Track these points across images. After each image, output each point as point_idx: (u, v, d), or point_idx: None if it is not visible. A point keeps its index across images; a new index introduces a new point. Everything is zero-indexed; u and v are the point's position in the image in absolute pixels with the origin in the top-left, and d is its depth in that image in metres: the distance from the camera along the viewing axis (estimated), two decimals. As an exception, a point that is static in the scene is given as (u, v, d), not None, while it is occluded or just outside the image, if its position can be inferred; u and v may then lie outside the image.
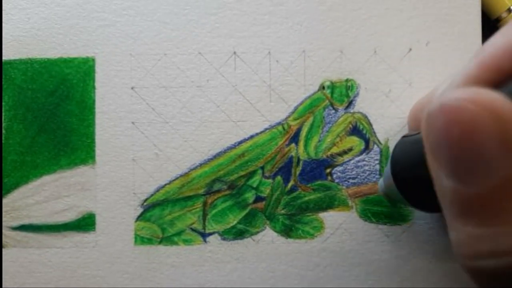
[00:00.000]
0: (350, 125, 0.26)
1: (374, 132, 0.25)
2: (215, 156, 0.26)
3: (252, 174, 0.26)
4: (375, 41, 0.25)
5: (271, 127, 0.26)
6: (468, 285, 0.25)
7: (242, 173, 0.26)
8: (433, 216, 0.25)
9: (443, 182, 0.14)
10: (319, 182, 0.26)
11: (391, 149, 0.25)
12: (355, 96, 0.25)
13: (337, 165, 0.25)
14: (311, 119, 0.26)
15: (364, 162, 0.25)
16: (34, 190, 0.26)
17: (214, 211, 0.26)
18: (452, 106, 0.13)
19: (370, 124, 0.25)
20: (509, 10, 0.26)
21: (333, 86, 0.25)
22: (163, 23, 0.26)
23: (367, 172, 0.25)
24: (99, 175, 0.26)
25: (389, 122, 0.25)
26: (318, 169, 0.26)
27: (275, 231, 0.26)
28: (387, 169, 0.22)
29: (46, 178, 0.26)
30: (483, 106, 0.12)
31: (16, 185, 0.26)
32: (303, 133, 0.26)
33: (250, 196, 0.26)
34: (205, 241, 0.26)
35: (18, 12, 0.26)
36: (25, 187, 0.26)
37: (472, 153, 0.13)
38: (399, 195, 0.21)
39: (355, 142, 0.25)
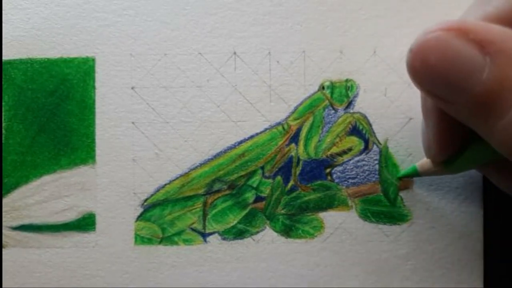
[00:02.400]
0: (350, 125, 0.26)
1: (374, 132, 0.25)
2: (215, 156, 0.26)
3: (252, 174, 0.26)
4: (375, 41, 0.25)
5: (271, 127, 0.26)
6: (468, 285, 0.25)
7: (242, 173, 0.26)
8: (433, 216, 0.25)
9: (451, 109, 0.16)
10: (319, 182, 0.26)
11: (390, 150, 0.25)
12: (354, 96, 0.26)
13: (337, 165, 0.26)
14: (311, 119, 0.26)
15: (364, 162, 0.26)
16: (34, 190, 0.26)
17: (214, 211, 0.26)
18: (422, 39, 0.16)
19: (369, 124, 0.25)
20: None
21: (333, 86, 0.26)
22: (163, 23, 0.26)
23: (367, 172, 0.25)
24: (99, 175, 0.26)
25: (389, 122, 0.25)
26: (318, 169, 0.26)
27: (275, 231, 0.26)
28: None
29: (46, 178, 0.26)
30: (445, 28, 0.15)
31: (16, 185, 0.26)
32: (303, 133, 0.26)
33: (250, 196, 0.26)
34: (205, 241, 0.26)
35: (18, 12, 0.26)
36: (25, 187, 0.26)
37: (453, 70, 0.15)
38: None
39: (354, 142, 0.26)
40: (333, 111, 0.26)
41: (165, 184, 0.26)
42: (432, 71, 0.16)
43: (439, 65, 0.15)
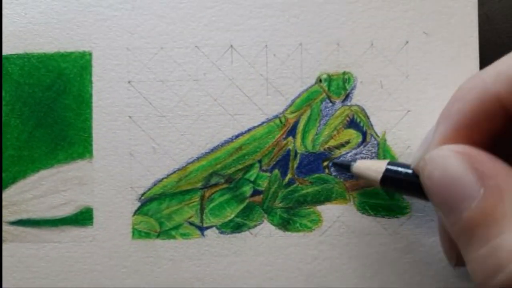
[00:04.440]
0: (347, 118, 0.25)
1: (371, 125, 0.25)
2: (212, 150, 0.26)
3: (249, 167, 0.26)
4: (372, 33, 0.25)
5: (268, 120, 0.26)
6: (468, 278, 0.25)
7: (240, 166, 0.26)
8: (431, 208, 0.25)
9: (446, 222, 0.17)
10: (316, 175, 0.25)
11: (388, 142, 0.25)
12: (352, 89, 0.25)
13: (335, 158, 0.25)
14: (308, 112, 0.26)
15: (362, 155, 0.25)
16: (31, 184, 0.26)
17: (211, 205, 0.26)
18: (432, 156, 0.17)
19: (367, 117, 0.25)
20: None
21: (330, 79, 0.25)
22: (159, 16, 0.26)
23: (365, 165, 0.25)
24: (96, 169, 0.26)
25: (386, 115, 0.25)
26: (315, 162, 0.25)
27: (273, 225, 0.25)
28: None
29: (44, 173, 0.26)
30: (454, 150, 0.17)
31: (13, 180, 0.26)
32: (300, 126, 0.26)
33: (247, 189, 0.26)
34: (202, 234, 0.26)
35: (15, 7, 0.26)
36: (23, 182, 0.26)
37: (451, 188, 0.16)
38: None
39: (352, 135, 0.25)
40: (330, 104, 0.26)
41: (162, 178, 0.26)
42: (434, 185, 0.17)
43: (441, 181, 0.17)
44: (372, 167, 0.23)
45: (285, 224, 0.25)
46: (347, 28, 0.25)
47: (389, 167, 0.22)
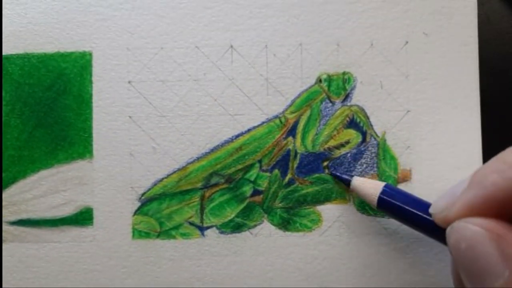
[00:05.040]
0: (347, 118, 0.26)
1: (371, 125, 0.25)
2: (212, 150, 0.26)
3: (249, 167, 0.26)
4: (371, 33, 0.25)
5: (268, 120, 0.26)
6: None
7: (240, 166, 0.26)
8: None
9: (467, 284, 0.18)
10: (316, 175, 0.25)
11: (388, 142, 0.25)
12: (352, 89, 0.25)
13: (335, 158, 0.25)
14: (308, 112, 0.26)
15: (362, 155, 0.25)
16: (31, 184, 0.26)
17: (211, 205, 0.26)
18: (460, 227, 0.18)
19: (367, 117, 0.25)
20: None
21: (330, 79, 0.25)
22: (160, 16, 0.26)
23: (365, 165, 0.25)
24: (96, 169, 0.26)
25: (386, 115, 0.25)
26: (315, 162, 0.26)
27: (273, 224, 0.26)
28: None
29: (44, 173, 0.26)
30: (483, 226, 0.17)
31: (13, 180, 0.26)
32: (300, 126, 0.26)
33: (247, 189, 0.26)
34: (203, 234, 0.26)
35: (15, 7, 0.26)
36: (23, 182, 0.26)
37: (476, 263, 0.17)
38: None
39: (352, 135, 0.25)
40: (330, 104, 0.26)
41: (163, 178, 0.26)
42: (460, 255, 0.18)
43: (467, 254, 0.17)
44: (368, 186, 0.24)
45: (285, 224, 0.25)
46: (347, 28, 0.25)
47: (385, 189, 0.23)
